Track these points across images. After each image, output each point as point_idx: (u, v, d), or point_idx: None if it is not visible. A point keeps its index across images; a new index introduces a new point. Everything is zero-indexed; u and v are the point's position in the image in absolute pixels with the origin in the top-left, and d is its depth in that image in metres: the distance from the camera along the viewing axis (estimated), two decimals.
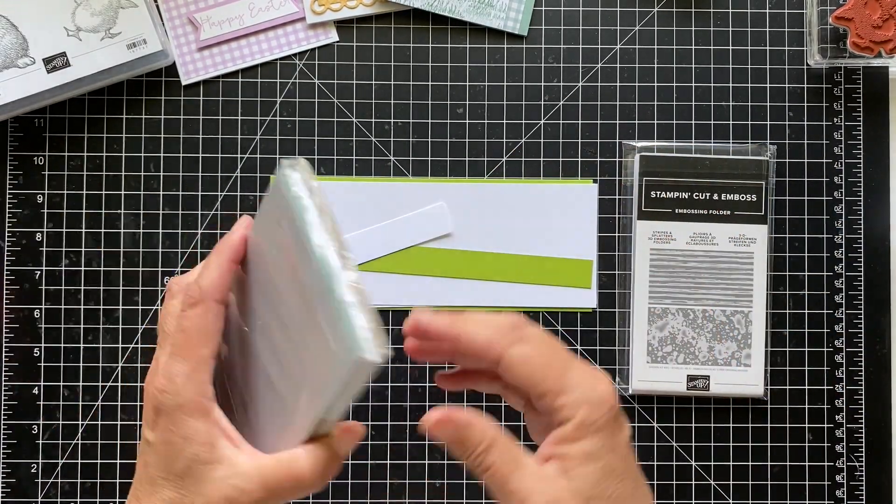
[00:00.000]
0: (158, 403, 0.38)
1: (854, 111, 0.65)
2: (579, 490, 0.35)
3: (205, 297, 0.39)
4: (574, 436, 0.36)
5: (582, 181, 0.65)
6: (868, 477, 0.64)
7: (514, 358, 0.36)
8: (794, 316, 0.65)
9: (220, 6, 0.65)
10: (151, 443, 0.38)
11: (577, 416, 0.36)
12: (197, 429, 0.37)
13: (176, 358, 0.38)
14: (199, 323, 0.38)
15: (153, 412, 0.38)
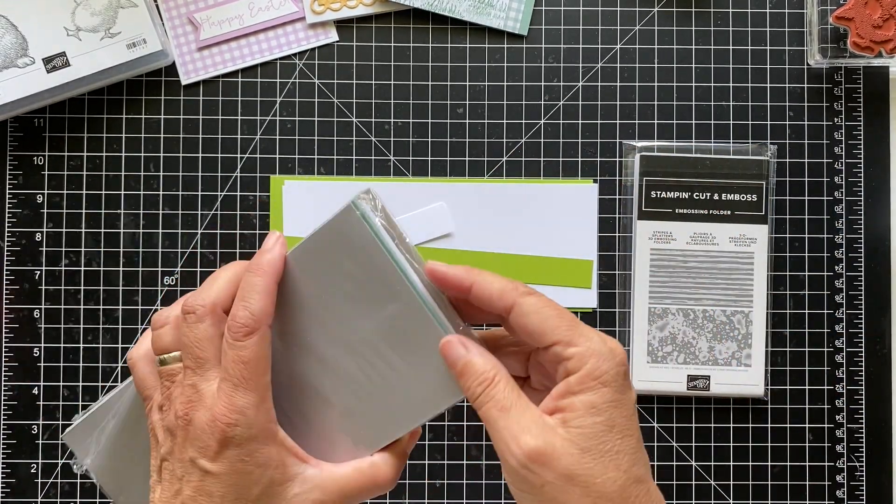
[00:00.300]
0: (227, 437, 0.37)
1: (854, 111, 0.65)
2: (575, 440, 0.35)
3: (259, 325, 0.38)
4: (579, 387, 0.36)
5: (582, 181, 0.65)
6: (868, 477, 0.64)
7: (527, 306, 0.37)
8: (795, 316, 0.64)
9: (220, 6, 0.65)
10: (216, 473, 0.38)
11: (585, 367, 0.36)
12: (270, 455, 0.38)
13: (240, 390, 0.37)
14: (258, 352, 0.38)
15: (217, 444, 0.37)
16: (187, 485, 0.38)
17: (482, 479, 0.64)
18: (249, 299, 0.38)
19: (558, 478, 0.35)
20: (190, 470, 0.38)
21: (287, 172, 0.65)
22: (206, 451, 0.38)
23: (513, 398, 0.37)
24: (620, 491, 0.35)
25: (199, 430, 0.38)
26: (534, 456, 0.35)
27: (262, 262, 0.39)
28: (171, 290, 0.64)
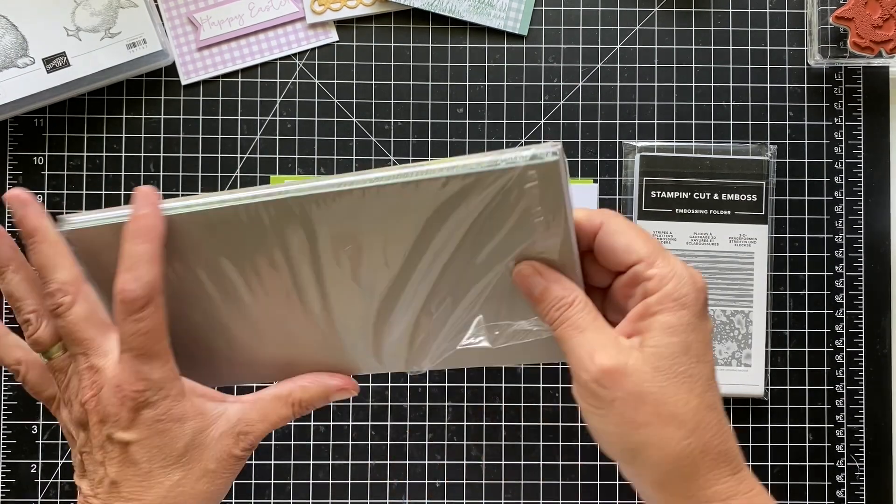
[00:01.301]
0: (139, 403, 0.37)
1: (854, 111, 0.65)
2: (649, 359, 0.35)
3: (153, 294, 0.37)
4: (658, 307, 0.36)
5: (582, 181, 0.65)
6: (868, 477, 0.64)
7: (615, 226, 0.38)
8: (795, 316, 0.64)
9: (220, 6, 0.65)
10: (135, 440, 0.38)
11: (665, 288, 0.36)
12: (185, 408, 0.38)
13: (143, 359, 0.37)
14: (157, 319, 0.37)
15: (130, 412, 0.37)
16: (110, 464, 0.38)
17: (482, 480, 0.64)
18: (138, 270, 0.37)
19: (629, 395, 0.35)
20: (109, 448, 0.38)
21: (287, 172, 0.65)
22: (120, 422, 0.38)
23: (589, 319, 0.37)
24: (693, 414, 0.35)
25: (108, 405, 0.38)
26: (606, 372, 0.35)
27: (142, 227, 0.38)
28: None
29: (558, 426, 0.64)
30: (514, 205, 0.36)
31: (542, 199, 0.36)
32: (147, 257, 0.37)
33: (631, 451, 0.36)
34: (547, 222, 0.37)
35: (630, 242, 0.37)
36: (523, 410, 0.64)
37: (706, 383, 0.36)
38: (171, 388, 0.38)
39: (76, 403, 0.39)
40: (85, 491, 0.39)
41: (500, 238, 0.37)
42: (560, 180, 0.36)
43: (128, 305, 0.37)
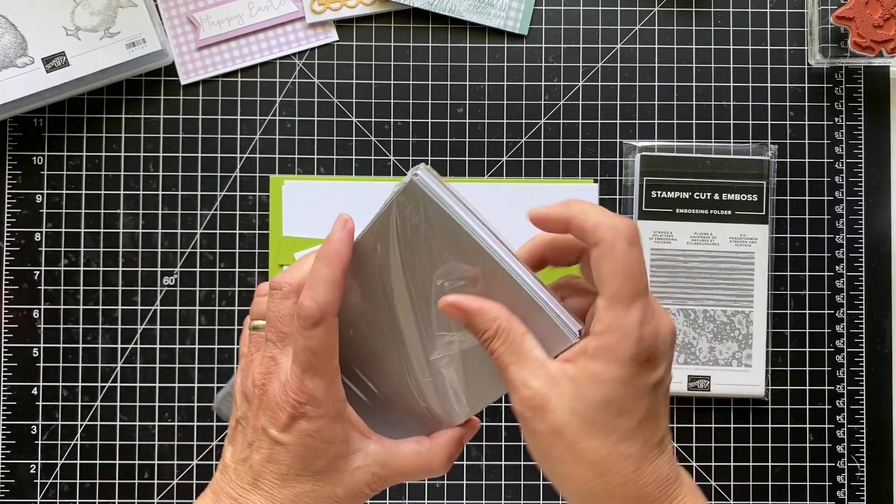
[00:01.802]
0: (297, 413, 0.39)
1: (855, 111, 0.65)
2: (569, 401, 0.36)
3: (325, 316, 0.39)
4: (593, 353, 0.36)
5: (582, 181, 0.65)
6: (869, 478, 0.64)
7: (606, 249, 0.36)
8: (795, 316, 0.64)
9: (220, 5, 0.65)
10: (284, 444, 0.39)
11: (604, 337, 0.36)
12: (336, 431, 0.40)
13: (309, 374, 0.39)
14: (324, 341, 0.39)
15: (288, 417, 0.39)
16: (257, 451, 0.40)
17: (482, 480, 0.64)
18: (316, 289, 0.39)
19: (547, 430, 0.36)
20: (261, 437, 0.40)
21: (287, 172, 0.65)
22: (277, 422, 0.39)
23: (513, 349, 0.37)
24: (601, 461, 0.36)
25: (272, 400, 0.39)
26: (529, 403, 0.36)
27: (329, 252, 0.39)
28: (171, 290, 0.64)
29: None
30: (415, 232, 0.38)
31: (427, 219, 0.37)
32: (327, 280, 0.39)
33: (551, 476, 0.38)
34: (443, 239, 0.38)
35: (606, 277, 0.36)
36: None
37: (623, 435, 0.36)
38: (329, 408, 0.39)
39: (249, 377, 0.41)
40: (226, 458, 0.41)
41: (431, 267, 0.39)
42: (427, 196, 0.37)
43: (302, 321, 0.39)
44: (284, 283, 0.40)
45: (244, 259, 0.64)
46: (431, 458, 0.42)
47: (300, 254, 0.64)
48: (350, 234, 0.40)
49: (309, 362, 0.39)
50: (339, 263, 0.39)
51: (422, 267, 0.39)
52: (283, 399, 0.39)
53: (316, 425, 0.39)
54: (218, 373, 0.64)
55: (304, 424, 0.39)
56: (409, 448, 0.42)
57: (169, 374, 0.64)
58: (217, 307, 0.64)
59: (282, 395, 0.39)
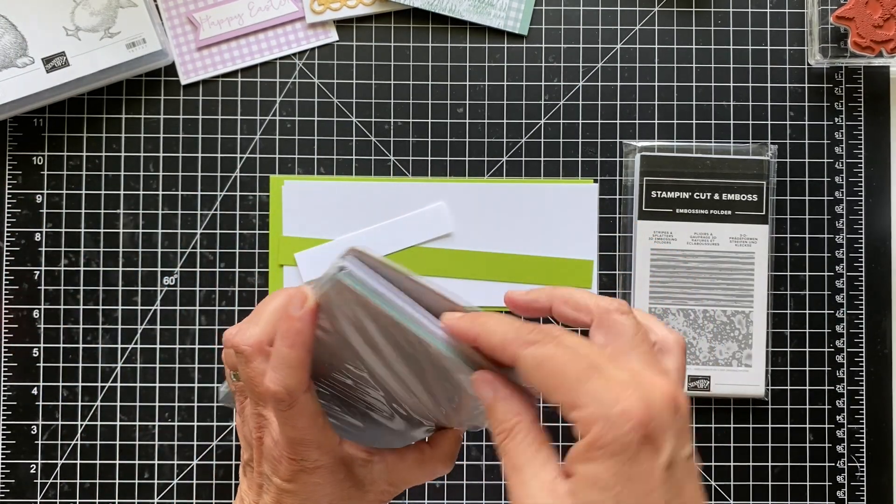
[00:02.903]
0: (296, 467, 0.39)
1: (855, 111, 0.65)
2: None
3: (296, 397, 0.37)
4: (585, 455, 0.31)
5: (582, 181, 0.65)
6: (869, 478, 0.64)
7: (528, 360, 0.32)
8: (795, 316, 0.64)
9: (220, 5, 0.65)
10: (291, 491, 0.40)
11: (589, 435, 0.31)
12: (339, 470, 0.40)
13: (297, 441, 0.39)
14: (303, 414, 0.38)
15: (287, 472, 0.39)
16: (266, 493, 0.40)
17: (482, 480, 0.64)
18: (281, 373, 0.37)
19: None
20: (266, 483, 0.40)
21: (287, 172, 0.65)
22: (279, 473, 0.39)
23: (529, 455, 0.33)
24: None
25: (269, 454, 0.40)
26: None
27: (290, 332, 0.37)
28: (171, 290, 0.64)
29: (558, 426, 0.64)
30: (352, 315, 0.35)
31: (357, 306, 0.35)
32: (292, 363, 0.37)
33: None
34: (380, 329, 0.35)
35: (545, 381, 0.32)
36: None
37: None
38: (328, 460, 0.40)
39: (246, 427, 0.41)
40: (242, 490, 0.42)
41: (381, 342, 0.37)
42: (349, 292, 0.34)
43: (275, 404, 0.38)
44: (244, 345, 0.39)
45: (244, 259, 0.64)
46: (435, 462, 0.43)
47: (300, 254, 0.64)
48: (312, 313, 0.37)
49: (295, 437, 0.38)
50: (302, 343, 0.37)
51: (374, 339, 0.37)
52: (278, 455, 0.39)
53: (318, 475, 0.39)
54: (217, 373, 0.64)
55: (304, 476, 0.39)
56: (412, 457, 0.42)
57: (169, 374, 0.64)
58: (217, 307, 0.64)
59: (276, 451, 0.39)
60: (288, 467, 0.39)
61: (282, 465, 0.39)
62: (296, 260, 0.64)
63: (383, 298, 0.34)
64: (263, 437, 0.40)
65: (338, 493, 0.40)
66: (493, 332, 0.33)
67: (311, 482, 0.39)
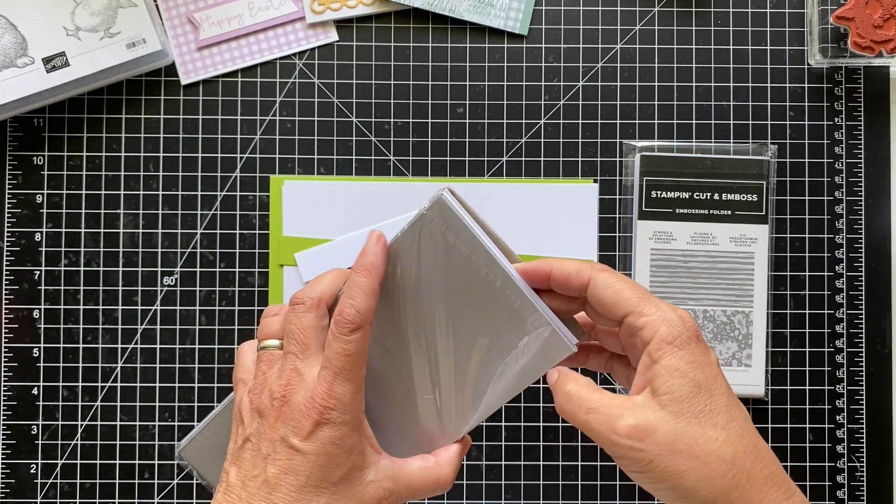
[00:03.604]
0: (322, 419, 0.40)
1: (855, 111, 0.65)
2: (667, 406, 0.36)
3: (364, 323, 0.41)
4: (658, 354, 0.37)
5: (582, 181, 0.65)
6: (869, 477, 0.64)
7: (601, 280, 0.40)
8: (795, 316, 0.64)
9: (220, 6, 0.65)
10: (305, 452, 0.40)
11: (659, 333, 0.37)
12: (356, 441, 0.41)
13: (340, 379, 0.40)
14: (361, 347, 0.41)
15: (312, 424, 0.40)
16: (273, 463, 0.40)
17: (482, 480, 0.64)
18: (356, 298, 0.41)
19: (662, 449, 0.36)
20: (278, 448, 0.40)
21: (287, 172, 0.65)
22: (300, 431, 0.40)
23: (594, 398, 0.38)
24: (726, 446, 0.36)
25: (295, 409, 0.40)
26: (633, 434, 0.36)
27: (366, 263, 0.42)
28: (171, 290, 0.64)
29: (558, 426, 0.64)
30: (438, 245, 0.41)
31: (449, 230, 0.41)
32: (366, 289, 0.41)
33: (687, 496, 0.37)
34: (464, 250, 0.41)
35: (616, 296, 0.39)
36: (523, 410, 0.64)
37: (728, 413, 0.37)
38: (354, 416, 0.41)
39: (265, 393, 0.42)
40: (231, 479, 0.41)
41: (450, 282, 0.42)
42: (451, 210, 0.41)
43: (341, 327, 0.41)
44: (307, 297, 0.42)
45: (244, 259, 0.64)
46: (439, 473, 0.43)
47: (300, 254, 0.64)
48: (384, 248, 0.42)
49: (342, 366, 0.40)
50: (377, 274, 0.42)
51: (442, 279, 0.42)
52: (309, 406, 0.40)
53: (339, 432, 0.40)
54: (217, 373, 0.64)
55: (327, 431, 0.40)
56: (417, 465, 0.43)
57: (169, 374, 0.64)
58: (217, 307, 0.64)
59: (307, 402, 0.40)
60: (315, 418, 0.40)
61: (309, 417, 0.40)
62: (296, 260, 0.64)
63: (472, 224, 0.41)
64: (291, 394, 0.40)
65: (346, 468, 0.40)
66: (567, 264, 0.41)
67: (329, 443, 0.40)
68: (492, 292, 0.41)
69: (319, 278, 0.43)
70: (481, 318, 0.42)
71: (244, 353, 0.46)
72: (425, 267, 0.42)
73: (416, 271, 0.42)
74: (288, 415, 0.40)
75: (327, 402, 0.40)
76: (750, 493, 0.36)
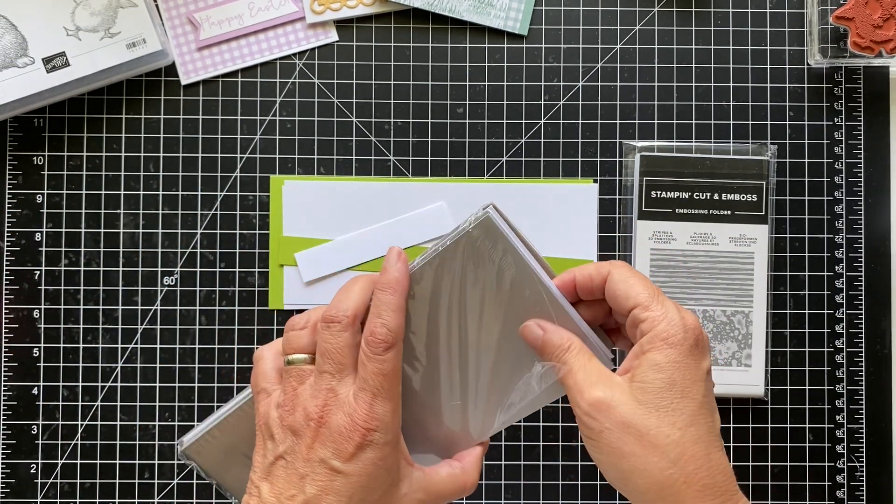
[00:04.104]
0: (365, 441, 0.40)
1: (855, 111, 0.65)
2: (635, 393, 0.39)
3: (396, 341, 0.41)
4: (648, 346, 0.39)
5: (582, 181, 0.65)
6: (869, 477, 0.64)
7: (616, 275, 0.42)
8: (795, 316, 0.64)
9: (220, 6, 0.65)
10: (347, 474, 0.40)
11: (655, 329, 0.39)
12: (395, 459, 0.41)
13: (379, 399, 0.40)
14: (396, 365, 0.41)
15: (355, 447, 0.40)
16: (312, 484, 0.40)
17: (482, 480, 0.64)
18: (385, 316, 0.41)
19: (615, 425, 0.38)
20: (317, 469, 0.40)
21: (287, 172, 0.65)
22: (341, 453, 0.40)
23: (583, 361, 0.41)
24: (674, 446, 0.38)
25: (335, 432, 0.40)
26: (595, 404, 0.39)
27: (390, 280, 0.42)
28: (171, 290, 0.64)
29: (558, 426, 0.64)
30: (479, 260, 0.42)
31: (495, 248, 0.42)
32: (394, 306, 0.41)
33: (621, 478, 0.39)
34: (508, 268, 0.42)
35: (629, 289, 0.41)
36: None
37: (690, 418, 0.38)
38: (394, 434, 0.41)
39: (299, 411, 0.41)
40: (265, 495, 0.41)
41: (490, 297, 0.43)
42: (497, 228, 0.42)
43: (374, 347, 0.40)
44: (341, 314, 0.42)
45: (244, 259, 0.64)
46: (466, 479, 0.44)
47: (300, 254, 0.64)
48: (405, 263, 0.43)
49: (380, 386, 0.40)
50: (402, 290, 0.42)
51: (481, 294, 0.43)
52: (351, 428, 0.40)
53: (382, 453, 0.40)
54: (217, 373, 0.64)
55: (370, 453, 0.40)
56: (446, 472, 0.44)
57: (169, 374, 0.64)
58: (217, 307, 0.64)
59: (348, 424, 0.40)
60: (358, 441, 0.40)
61: (352, 439, 0.40)
62: (296, 260, 0.64)
63: (516, 242, 0.42)
64: (329, 415, 0.40)
65: (385, 486, 0.41)
66: (586, 266, 0.43)
67: (371, 464, 0.40)
68: (532, 307, 0.43)
69: (348, 290, 0.43)
70: (517, 330, 0.43)
71: (264, 359, 0.45)
72: (465, 282, 0.43)
73: (457, 285, 0.43)
74: (327, 436, 0.40)
75: (369, 423, 0.40)
76: (683, 494, 0.38)
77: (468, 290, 0.43)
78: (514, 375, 0.44)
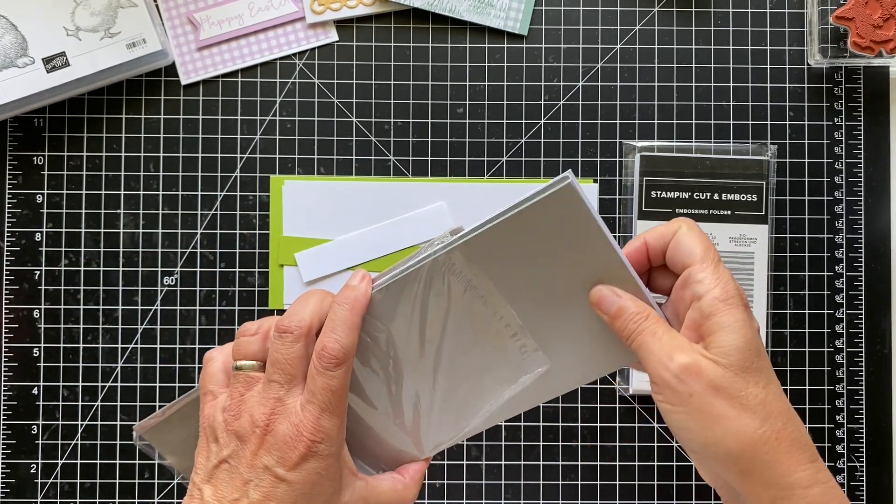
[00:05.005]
0: (310, 452, 0.40)
1: (855, 111, 0.65)
2: (718, 358, 0.39)
3: (347, 358, 0.41)
4: (711, 310, 0.39)
5: (582, 181, 0.65)
6: (869, 477, 0.64)
7: (685, 229, 0.43)
8: (795, 316, 0.64)
9: (220, 6, 0.65)
10: (290, 482, 0.40)
11: (714, 291, 0.40)
12: (338, 469, 0.42)
13: (327, 414, 0.41)
14: (344, 381, 0.41)
15: (299, 457, 0.40)
16: (256, 489, 0.40)
17: (482, 480, 0.64)
18: (340, 332, 0.41)
19: (706, 388, 0.39)
20: (261, 476, 0.41)
21: (287, 172, 0.65)
22: (285, 461, 0.40)
23: (664, 328, 0.41)
24: (762, 405, 0.39)
25: (280, 440, 0.41)
26: (685, 369, 0.39)
27: (349, 297, 0.42)
28: (171, 290, 0.64)
29: (558, 426, 0.64)
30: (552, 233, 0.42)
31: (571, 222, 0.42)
32: (349, 323, 0.42)
33: (713, 444, 0.39)
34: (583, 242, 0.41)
35: (691, 245, 0.42)
36: None
37: (768, 375, 0.40)
38: (339, 447, 0.42)
39: (244, 417, 0.41)
40: (207, 498, 0.41)
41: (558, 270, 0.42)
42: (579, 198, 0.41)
43: (325, 361, 0.41)
44: (294, 325, 0.42)
45: (244, 259, 0.64)
46: (406, 492, 0.45)
47: (300, 254, 0.64)
48: (369, 284, 0.43)
49: (328, 401, 0.40)
50: (359, 309, 0.42)
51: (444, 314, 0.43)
52: (296, 438, 0.40)
53: (325, 463, 0.41)
54: None
55: (314, 463, 0.40)
56: (388, 484, 0.45)
57: (169, 374, 0.64)
58: (217, 307, 0.64)
59: (294, 434, 0.40)
60: (303, 451, 0.40)
61: (296, 449, 0.40)
62: (296, 260, 0.64)
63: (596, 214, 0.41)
64: (275, 423, 0.41)
65: (327, 495, 0.41)
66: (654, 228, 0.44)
67: (315, 474, 0.40)
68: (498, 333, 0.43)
69: (305, 302, 0.43)
70: (482, 354, 0.43)
71: (214, 361, 0.45)
72: (427, 303, 0.43)
73: (418, 307, 0.43)
74: (272, 444, 0.41)
75: (315, 436, 0.40)
76: (777, 450, 0.38)
77: (429, 310, 0.43)
78: (478, 396, 0.44)
